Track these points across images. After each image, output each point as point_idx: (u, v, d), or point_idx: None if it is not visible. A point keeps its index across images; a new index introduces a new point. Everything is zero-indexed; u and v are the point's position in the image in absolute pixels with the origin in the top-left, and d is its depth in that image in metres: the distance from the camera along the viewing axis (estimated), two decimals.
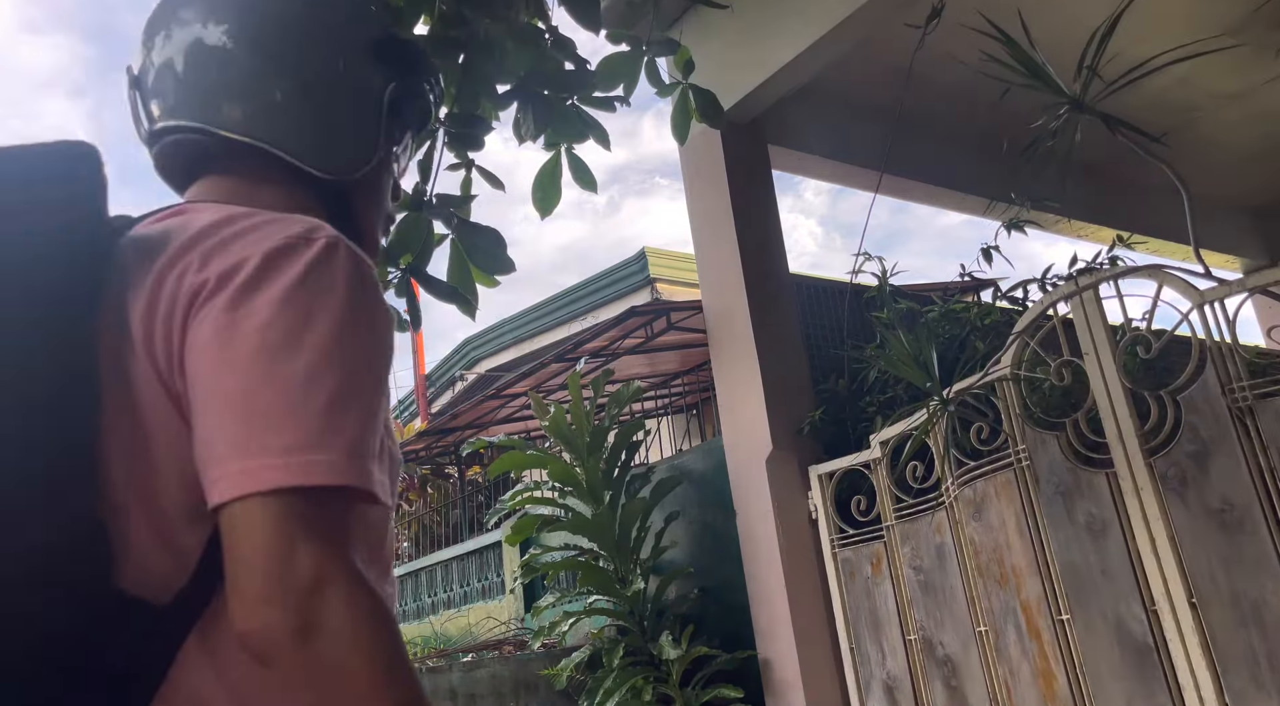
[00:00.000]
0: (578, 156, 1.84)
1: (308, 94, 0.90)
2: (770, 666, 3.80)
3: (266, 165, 0.89)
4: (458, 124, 1.58)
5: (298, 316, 0.70)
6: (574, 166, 1.84)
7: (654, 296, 7.74)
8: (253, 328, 0.69)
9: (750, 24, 4.14)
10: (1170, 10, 4.47)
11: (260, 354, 0.68)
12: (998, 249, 3.73)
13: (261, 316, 0.69)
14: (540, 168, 1.81)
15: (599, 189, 1.86)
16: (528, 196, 1.83)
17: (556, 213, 1.85)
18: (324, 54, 0.92)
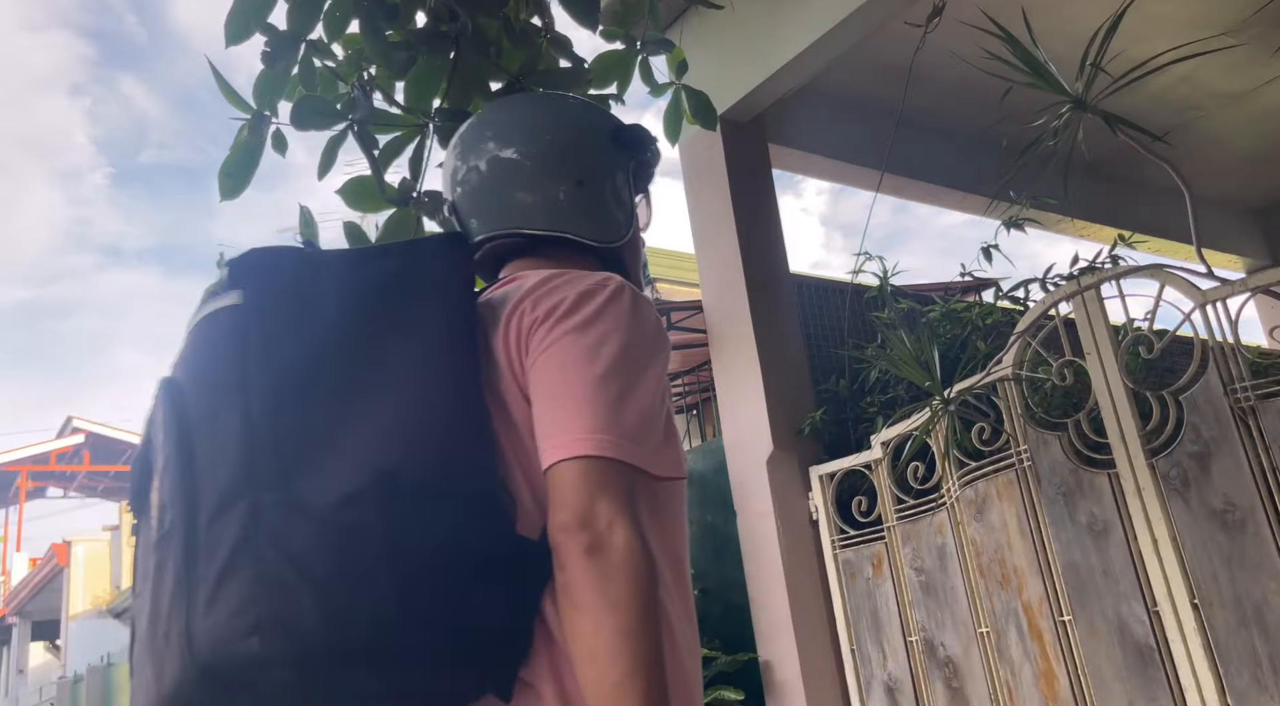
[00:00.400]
0: None
1: (584, 189, 1.20)
2: (771, 668, 3.79)
3: (563, 245, 1.19)
4: (447, 119, 1.57)
5: (596, 337, 0.99)
6: None
7: (654, 296, 7.73)
8: (566, 344, 0.98)
9: (750, 23, 4.13)
10: (1172, 9, 4.46)
11: (572, 362, 0.97)
12: (999, 248, 3.72)
13: (572, 336, 0.99)
14: None
15: None
16: None
17: None
18: (588, 157, 1.22)
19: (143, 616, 0.92)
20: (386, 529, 0.84)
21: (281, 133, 1.55)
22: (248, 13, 1.48)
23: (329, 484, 0.85)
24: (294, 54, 1.50)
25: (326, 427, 0.89)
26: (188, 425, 0.91)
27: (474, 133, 1.24)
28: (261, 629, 0.79)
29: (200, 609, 0.81)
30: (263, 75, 1.50)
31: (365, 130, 1.51)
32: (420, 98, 1.59)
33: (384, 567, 0.83)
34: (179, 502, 0.87)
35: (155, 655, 0.86)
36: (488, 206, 1.19)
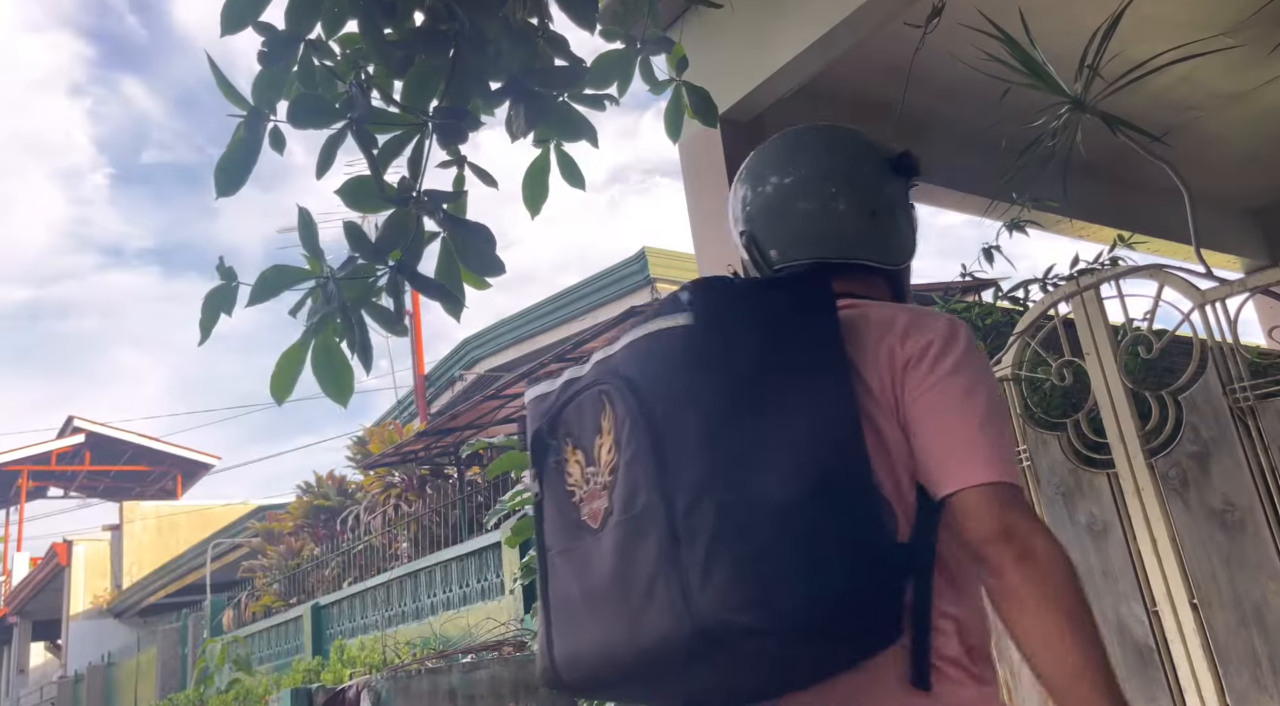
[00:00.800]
0: (567, 154, 1.82)
1: (876, 218, 1.33)
2: None
3: (861, 269, 1.31)
4: (445, 118, 1.56)
5: (971, 376, 1.15)
6: (563, 164, 1.82)
7: (654, 296, 7.73)
8: (947, 386, 1.14)
9: (750, 23, 4.14)
10: (1170, 10, 4.46)
11: (955, 405, 1.13)
12: (998, 249, 3.73)
13: (950, 379, 1.14)
14: (529, 166, 1.79)
15: (599, 189, 1.85)
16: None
17: (556, 212, 1.85)
18: (877, 187, 1.35)
19: (589, 573, 1.11)
20: (834, 526, 1.02)
21: (279, 131, 1.54)
22: (244, 4, 1.48)
23: (775, 487, 1.02)
24: (293, 54, 1.50)
25: (764, 437, 1.05)
26: (655, 427, 1.07)
27: (767, 165, 1.38)
28: (754, 606, 0.98)
29: (695, 584, 0.98)
30: (261, 74, 1.50)
31: (364, 129, 1.50)
32: (419, 97, 1.59)
33: (834, 559, 1.01)
34: (654, 492, 1.04)
35: (625, 609, 1.05)
36: (788, 234, 1.33)
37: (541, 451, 1.21)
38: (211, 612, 11.91)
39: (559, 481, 1.18)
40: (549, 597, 1.17)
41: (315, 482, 11.24)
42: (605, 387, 1.14)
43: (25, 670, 22.78)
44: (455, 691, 4.19)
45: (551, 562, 1.18)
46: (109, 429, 22.20)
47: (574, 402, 1.18)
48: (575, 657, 1.13)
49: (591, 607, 1.10)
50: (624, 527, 1.07)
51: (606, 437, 1.12)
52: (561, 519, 1.17)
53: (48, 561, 20.23)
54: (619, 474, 1.09)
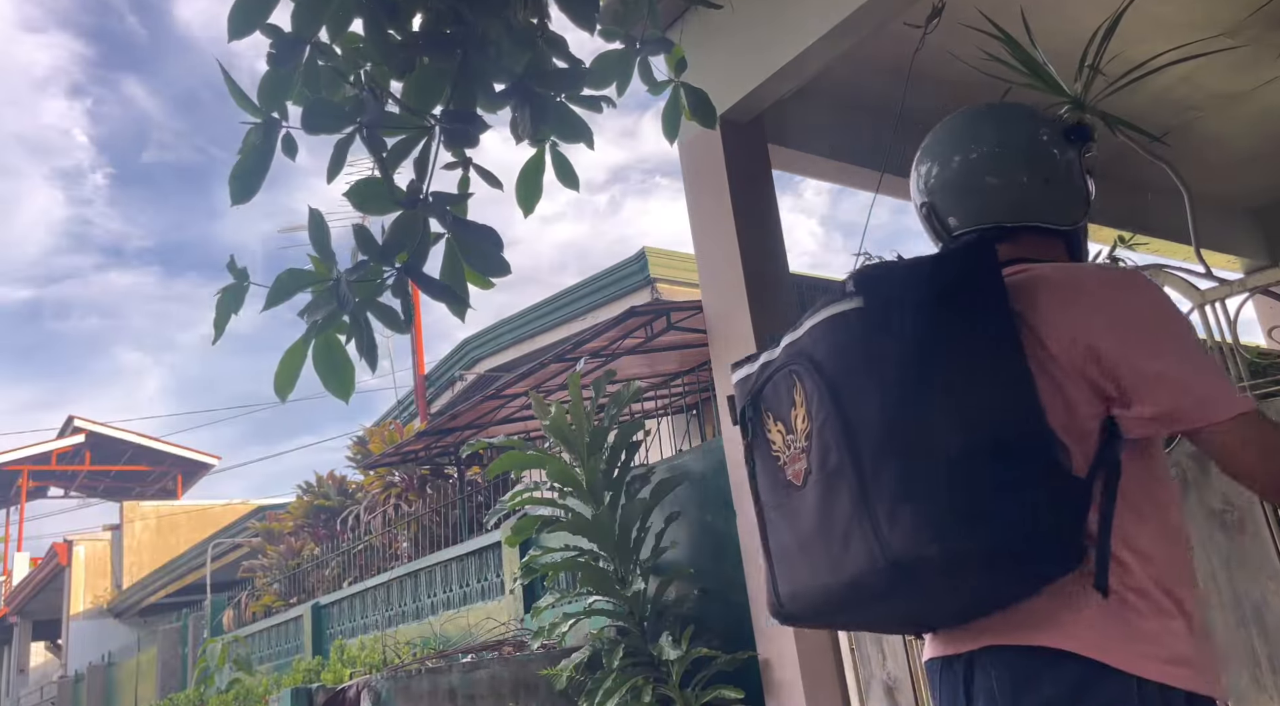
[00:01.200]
0: (562, 155, 1.82)
1: (1050, 185, 1.45)
2: (770, 667, 3.79)
3: (1036, 232, 1.45)
4: (453, 121, 1.57)
5: (1155, 313, 1.28)
6: (558, 165, 1.82)
7: (654, 296, 7.73)
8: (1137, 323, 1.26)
9: (750, 23, 4.14)
10: (1170, 10, 4.46)
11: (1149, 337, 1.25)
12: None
13: (1141, 315, 1.27)
14: (524, 165, 1.80)
15: (600, 189, 1.86)
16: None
17: (556, 212, 1.86)
18: (1051, 155, 1.47)
19: (799, 523, 1.33)
20: (1003, 469, 1.17)
21: (292, 137, 1.55)
22: (251, 8, 1.49)
23: (947, 439, 1.18)
24: (299, 56, 1.50)
25: (935, 397, 1.20)
26: (839, 397, 1.25)
27: (946, 143, 1.53)
28: (935, 543, 1.15)
29: (884, 527, 1.17)
30: (267, 77, 1.50)
31: (374, 133, 1.51)
32: (425, 100, 1.60)
33: (1002, 497, 1.16)
34: (844, 452, 1.23)
35: (829, 550, 1.26)
36: (967, 204, 1.48)
37: (747, 425, 1.44)
38: (212, 612, 11.92)
39: (765, 448, 1.40)
40: (769, 545, 1.44)
41: (315, 482, 11.24)
42: (794, 368, 1.34)
43: (25, 670, 22.78)
44: (455, 691, 4.20)
45: (768, 516, 1.43)
46: (109, 429, 22.20)
47: (770, 382, 1.40)
48: (795, 594, 1.38)
49: (803, 552, 1.33)
50: (822, 484, 1.27)
51: (800, 409, 1.32)
52: (770, 479, 1.40)
53: (48, 561, 20.23)
54: (813, 439, 1.28)
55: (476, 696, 4.23)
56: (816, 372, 1.29)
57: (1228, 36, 4.53)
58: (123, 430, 22.25)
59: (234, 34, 1.47)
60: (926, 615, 1.37)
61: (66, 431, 22.36)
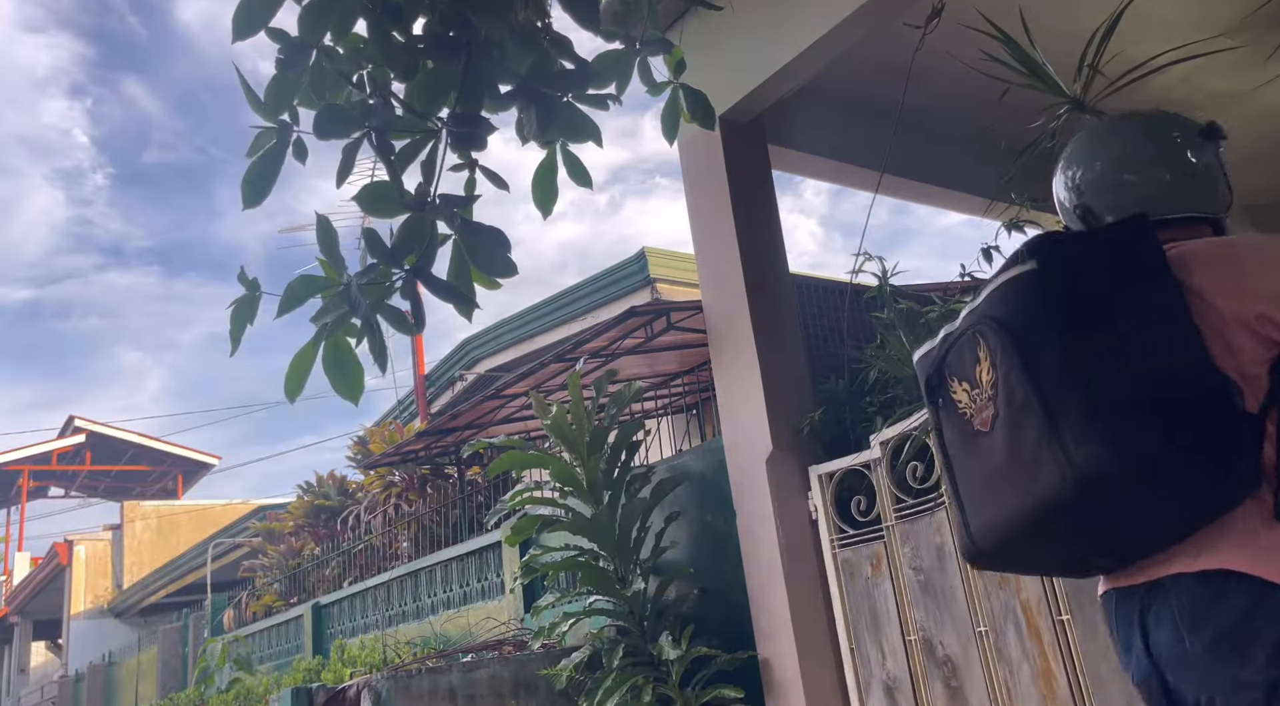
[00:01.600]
0: (573, 154, 1.83)
1: (1194, 180, 1.66)
2: (770, 666, 3.80)
3: (1187, 221, 1.62)
4: (460, 124, 1.57)
5: None
6: (569, 164, 1.83)
7: (654, 296, 7.74)
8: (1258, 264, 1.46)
9: (750, 24, 4.14)
10: (1170, 11, 4.47)
11: None
12: (998, 249, 3.73)
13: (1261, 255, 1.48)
14: (537, 167, 1.81)
15: (600, 189, 1.86)
16: (529, 196, 1.83)
17: (557, 212, 1.85)
18: (1188, 152, 1.66)
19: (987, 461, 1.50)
20: (1176, 409, 1.35)
21: (302, 141, 1.56)
22: (255, 10, 1.49)
23: (1124, 379, 1.37)
24: (305, 60, 1.51)
25: (1110, 345, 1.39)
26: (1022, 347, 1.44)
27: (1092, 149, 1.74)
28: (1117, 461, 1.33)
29: (1071, 446, 1.35)
30: (275, 81, 1.51)
31: (383, 137, 1.52)
32: (431, 103, 1.60)
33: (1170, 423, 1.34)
34: (1029, 389, 1.41)
35: (1019, 477, 1.43)
36: (1119, 200, 1.67)
37: (933, 392, 1.66)
38: (212, 612, 11.92)
39: (951, 408, 1.60)
40: (959, 491, 1.58)
41: (316, 482, 11.24)
42: (977, 328, 1.54)
43: (26, 669, 22.78)
44: (455, 691, 4.20)
45: (957, 466, 1.59)
46: (109, 429, 22.21)
47: (953, 349, 1.61)
48: (989, 525, 1.52)
49: (994, 485, 1.50)
50: (1009, 420, 1.45)
51: (985, 363, 1.51)
52: (959, 434, 1.59)
53: (48, 561, 20.23)
54: (999, 386, 1.47)
55: (476, 696, 4.23)
56: (1000, 328, 1.48)
57: (1227, 36, 4.54)
58: (123, 430, 22.26)
59: (238, 35, 1.47)
60: (1106, 544, 1.51)
61: (67, 431, 22.37)
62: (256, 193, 1.54)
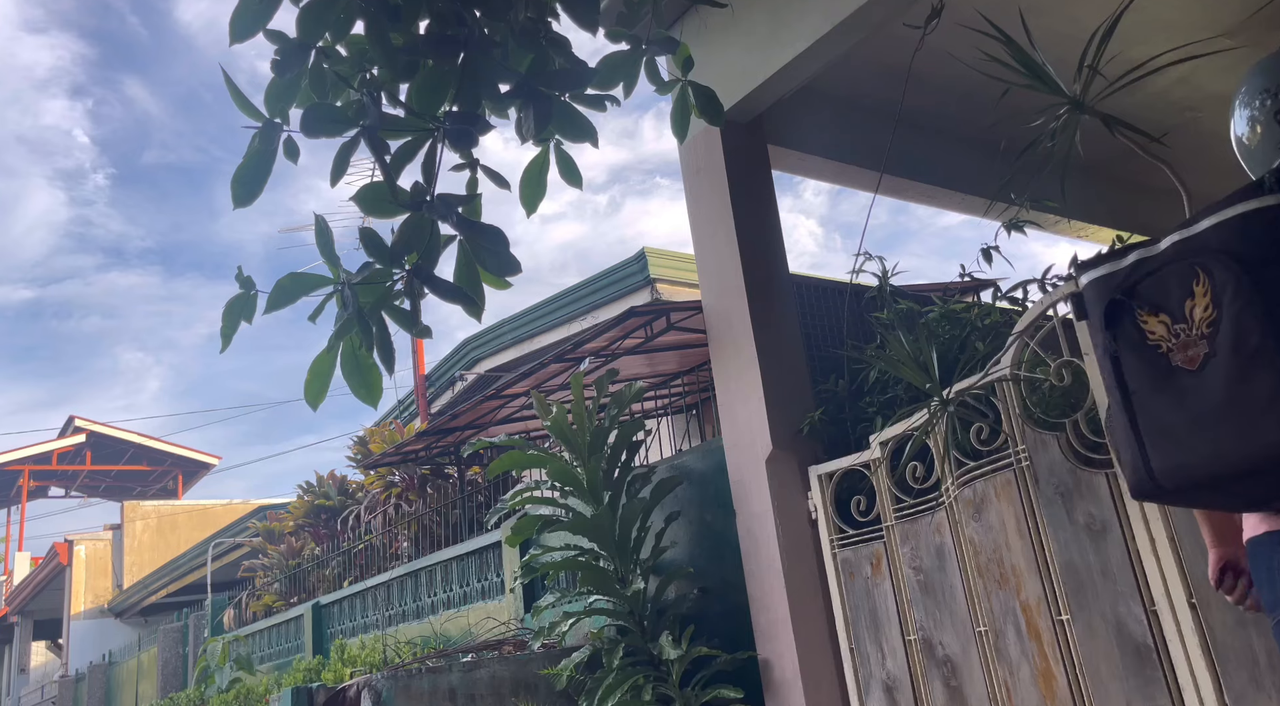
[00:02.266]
0: (565, 153, 1.84)
1: None
2: (770, 666, 3.80)
3: None
4: (456, 122, 1.57)
5: None
6: (561, 163, 1.84)
7: (654, 296, 7.74)
8: None
9: (750, 24, 4.14)
10: (1170, 11, 4.47)
11: None
12: (998, 249, 3.73)
13: None
14: (528, 164, 1.81)
15: (600, 189, 1.87)
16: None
17: (557, 212, 1.87)
18: None
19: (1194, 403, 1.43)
20: None
21: (293, 141, 1.56)
22: (253, 12, 1.49)
23: None
24: (304, 61, 1.51)
25: None
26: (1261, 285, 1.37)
27: None
28: None
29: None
30: (274, 83, 1.51)
31: (376, 136, 1.52)
32: (430, 103, 1.61)
33: None
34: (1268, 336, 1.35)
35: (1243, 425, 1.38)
36: None
37: (1116, 316, 1.54)
38: (212, 612, 11.92)
39: (1139, 339, 1.51)
40: (1139, 429, 1.50)
41: (316, 482, 11.24)
42: (1200, 261, 1.44)
43: (26, 669, 22.78)
44: (455, 690, 4.20)
45: (1140, 401, 1.50)
46: (110, 429, 22.22)
47: (1152, 277, 1.50)
48: (1180, 466, 1.46)
49: (1200, 429, 1.43)
50: (1235, 365, 1.38)
51: (1202, 299, 1.42)
52: (1146, 367, 1.50)
53: (49, 561, 20.23)
54: (1223, 326, 1.40)
55: (476, 696, 4.23)
56: (1237, 265, 1.39)
57: (1226, 37, 4.54)
58: (123, 430, 22.28)
59: (236, 38, 1.48)
60: None
61: (67, 431, 22.38)
62: (247, 193, 1.54)
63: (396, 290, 1.58)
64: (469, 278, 1.62)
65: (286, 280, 1.50)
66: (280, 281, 1.51)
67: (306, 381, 1.57)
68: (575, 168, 1.87)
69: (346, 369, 1.56)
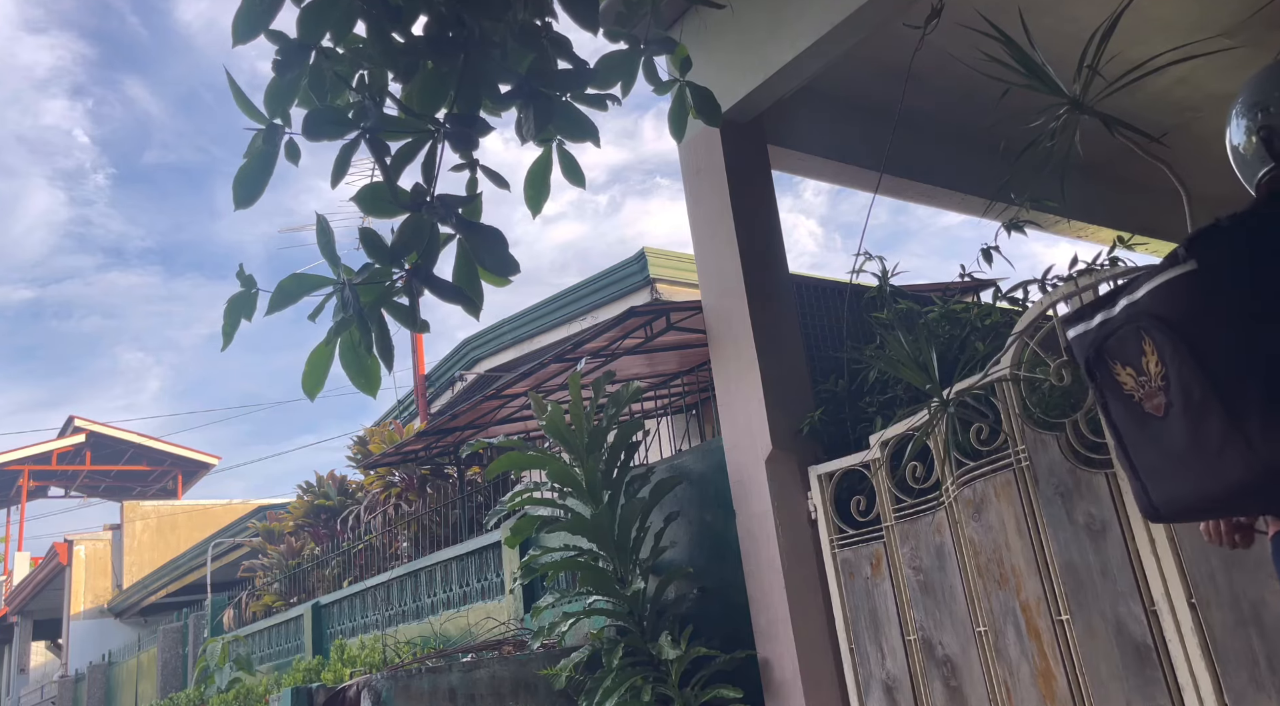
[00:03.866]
0: (568, 153, 1.84)
1: None
2: (770, 666, 3.80)
3: None
4: (455, 123, 1.58)
5: None
6: (564, 162, 1.84)
7: (654, 296, 7.73)
8: None
9: (750, 24, 4.14)
10: (1169, 11, 4.47)
11: None
12: (997, 249, 3.73)
13: None
14: (531, 165, 1.81)
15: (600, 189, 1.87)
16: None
17: (557, 212, 1.88)
18: None
19: (1167, 445, 1.55)
20: None
21: (294, 142, 1.56)
22: (255, 13, 1.49)
23: None
24: (304, 61, 1.51)
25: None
26: (1193, 345, 1.49)
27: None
28: None
29: (1256, 441, 1.43)
30: (274, 84, 1.51)
31: (377, 138, 1.52)
32: (430, 104, 1.61)
33: None
34: (1205, 389, 1.47)
35: (1205, 465, 1.49)
36: None
37: (1092, 372, 1.69)
38: (212, 612, 11.92)
39: (1116, 387, 1.64)
40: (1134, 464, 1.65)
41: (316, 482, 11.24)
42: (1141, 324, 1.57)
43: (26, 669, 22.78)
44: (455, 690, 4.20)
45: (1129, 440, 1.65)
46: (110, 429, 22.22)
47: (1114, 336, 1.63)
48: (1172, 499, 1.60)
49: (1178, 468, 1.55)
50: (1188, 416, 1.51)
51: (1151, 357, 1.55)
52: (1128, 411, 1.63)
53: (48, 561, 20.23)
54: (1171, 380, 1.52)
55: (476, 696, 4.23)
56: (1167, 328, 1.53)
57: (1226, 37, 4.54)
58: (123, 430, 22.27)
59: (238, 39, 1.48)
60: None
61: (67, 431, 22.37)
62: (248, 194, 1.55)
63: (396, 288, 1.58)
64: (468, 277, 1.62)
65: (288, 281, 1.51)
66: (282, 282, 1.52)
67: (304, 372, 1.58)
68: (578, 168, 1.87)
69: (345, 360, 1.57)
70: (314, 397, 1.57)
